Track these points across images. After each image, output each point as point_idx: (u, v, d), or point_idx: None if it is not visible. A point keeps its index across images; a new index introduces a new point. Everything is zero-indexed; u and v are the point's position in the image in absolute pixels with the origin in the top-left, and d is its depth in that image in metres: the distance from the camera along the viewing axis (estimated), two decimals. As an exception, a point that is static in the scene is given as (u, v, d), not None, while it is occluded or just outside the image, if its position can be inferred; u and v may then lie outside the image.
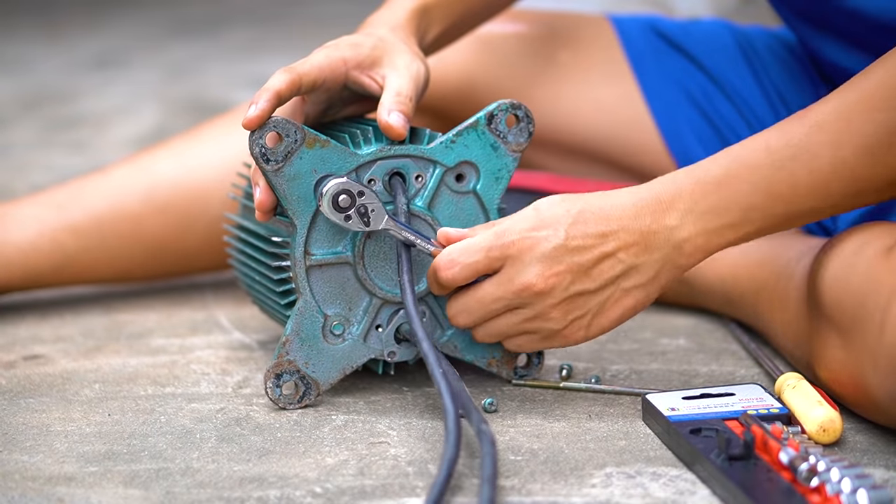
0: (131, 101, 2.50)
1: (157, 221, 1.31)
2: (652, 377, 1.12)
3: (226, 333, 1.25)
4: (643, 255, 0.98)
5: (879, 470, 0.93)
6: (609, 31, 1.36)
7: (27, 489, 0.93)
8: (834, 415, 0.96)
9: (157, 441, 1.00)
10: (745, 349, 1.18)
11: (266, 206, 1.03)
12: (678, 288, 1.27)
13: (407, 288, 1.00)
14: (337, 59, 1.06)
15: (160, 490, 0.92)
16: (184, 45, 3.16)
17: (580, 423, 1.03)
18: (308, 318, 1.04)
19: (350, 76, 1.07)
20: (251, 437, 1.01)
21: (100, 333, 1.26)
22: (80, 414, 1.06)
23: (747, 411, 0.97)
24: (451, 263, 1.00)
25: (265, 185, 1.03)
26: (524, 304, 0.99)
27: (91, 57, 3.00)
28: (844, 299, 0.97)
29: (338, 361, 1.05)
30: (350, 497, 0.90)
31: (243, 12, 3.63)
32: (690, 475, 0.93)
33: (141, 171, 1.33)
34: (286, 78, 1.03)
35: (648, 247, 0.98)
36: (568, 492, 0.91)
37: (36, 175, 1.92)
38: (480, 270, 1.00)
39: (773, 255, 1.17)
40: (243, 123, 1.00)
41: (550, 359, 1.15)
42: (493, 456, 0.89)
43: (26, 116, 2.38)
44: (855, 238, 1.00)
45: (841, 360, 0.98)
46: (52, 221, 1.30)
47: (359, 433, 1.01)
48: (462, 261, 0.99)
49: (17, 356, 1.20)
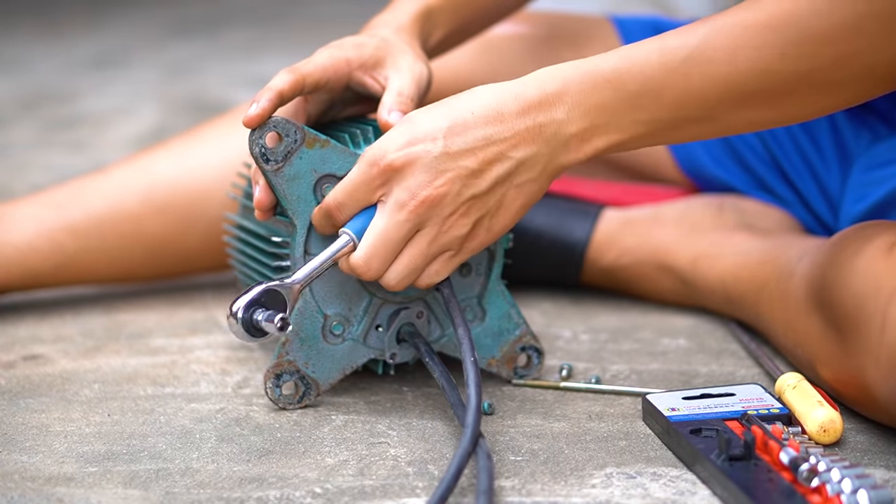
0: (131, 101, 2.50)
1: (156, 222, 1.31)
2: (652, 377, 1.12)
3: (226, 333, 1.25)
4: (531, 149, 0.95)
5: (880, 470, 0.93)
6: (611, 32, 1.36)
7: (26, 489, 0.93)
8: (834, 415, 0.96)
9: (157, 441, 1.00)
10: (745, 349, 1.18)
11: (265, 205, 1.03)
12: (678, 288, 1.27)
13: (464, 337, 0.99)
14: (340, 59, 1.06)
15: (160, 490, 0.92)
16: (184, 45, 3.16)
17: (580, 423, 1.02)
18: (308, 318, 1.04)
19: (353, 77, 1.07)
20: (251, 438, 1.00)
21: (99, 333, 1.26)
22: (79, 414, 1.06)
23: (748, 411, 0.97)
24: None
25: (265, 184, 1.03)
26: (423, 222, 0.96)
27: (91, 57, 3.00)
28: (845, 298, 0.97)
29: (338, 361, 1.05)
30: (350, 497, 0.90)
31: (243, 12, 3.63)
32: (691, 475, 0.93)
33: (140, 172, 1.33)
34: (289, 78, 1.03)
35: (536, 140, 0.95)
36: (568, 492, 0.91)
37: (35, 175, 1.92)
38: (371, 201, 0.97)
39: (774, 255, 1.17)
40: (244, 121, 1.00)
41: (550, 359, 1.15)
42: (489, 469, 0.89)
43: (26, 116, 2.38)
44: (856, 236, 1.00)
45: (842, 358, 0.98)
46: (51, 221, 1.30)
47: (359, 433, 1.01)
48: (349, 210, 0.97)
49: (16, 356, 1.20)
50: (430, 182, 0.95)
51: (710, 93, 0.93)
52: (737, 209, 1.29)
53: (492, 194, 0.96)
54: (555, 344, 1.20)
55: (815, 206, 1.28)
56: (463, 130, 0.95)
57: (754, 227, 1.27)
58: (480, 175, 0.95)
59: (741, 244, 1.23)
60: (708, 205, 1.30)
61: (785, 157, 1.29)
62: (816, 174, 1.27)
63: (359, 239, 0.98)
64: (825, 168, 1.27)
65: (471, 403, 0.94)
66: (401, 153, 0.95)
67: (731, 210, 1.29)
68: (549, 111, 0.95)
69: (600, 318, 1.28)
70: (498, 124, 0.95)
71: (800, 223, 1.30)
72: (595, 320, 1.27)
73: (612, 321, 1.27)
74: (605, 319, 1.27)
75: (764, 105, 0.94)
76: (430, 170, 0.95)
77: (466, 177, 0.95)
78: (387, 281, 0.98)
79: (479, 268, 1.08)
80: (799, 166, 1.28)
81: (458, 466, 0.88)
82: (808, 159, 1.28)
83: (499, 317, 1.08)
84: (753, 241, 1.23)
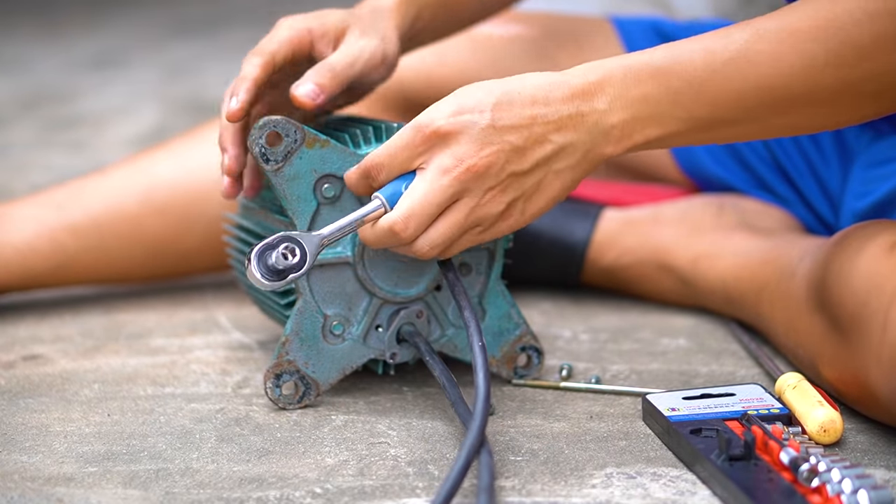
0: (130, 101, 2.50)
1: (156, 222, 1.31)
2: (652, 377, 1.12)
3: (225, 333, 1.25)
4: (572, 136, 0.95)
5: (880, 470, 0.93)
6: (611, 33, 1.36)
7: (26, 489, 0.93)
8: (834, 415, 0.96)
9: (157, 441, 1.00)
10: (745, 349, 1.18)
11: (234, 172, 1.05)
12: (679, 288, 1.27)
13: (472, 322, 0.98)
14: (302, 29, 1.07)
15: (160, 490, 0.92)
16: (183, 45, 3.16)
17: (580, 423, 1.02)
18: (308, 318, 1.04)
19: (315, 48, 1.07)
20: (251, 438, 1.00)
21: (99, 333, 1.26)
22: (79, 414, 1.06)
23: (748, 411, 0.97)
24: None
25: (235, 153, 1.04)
26: (464, 191, 0.96)
27: (90, 57, 3.00)
28: (847, 297, 0.97)
29: (337, 361, 1.05)
30: (350, 497, 0.90)
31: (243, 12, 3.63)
32: (691, 475, 0.93)
33: (140, 173, 1.33)
34: (259, 61, 1.03)
35: (577, 128, 0.95)
36: (568, 492, 0.91)
37: (35, 175, 1.92)
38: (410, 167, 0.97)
39: (775, 255, 1.17)
40: (227, 116, 1.01)
41: (550, 359, 1.15)
42: (490, 466, 0.89)
43: (25, 116, 2.38)
44: (857, 236, 1.00)
45: (844, 358, 0.98)
46: (51, 222, 1.30)
47: (359, 433, 1.01)
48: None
49: (16, 356, 1.20)
50: (477, 152, 0.94)
51: (750, 95, 0.94)
52: (737, 209, 1.29)
53: (531, 175, 0.96)
54: (555, 344, 1.20)
55: (815, 204, 1.28)
56: (509, 107, 0.95)
57: (755, 226, 1.27)
58: (524, 154, 0.95)
59: (741, 244, 1.23)
60: (708, 205, 1.30)
61: (785, 156, 1.29)
62: (817, 172, 1.27)
63: (391, 206, 0.97)
64: (825, 166, 1.27)
65: (479, 390, 0.93)
66: (449, 120, 0.95)
67: (732, 210, 1.29)
68: (591, 101, 0.95)
69: (600, 318, 1.28)
70: (543, 107, 0.95)
71: (800, 223, 1.30)
72: (595, 320, 1.27)
73: (612, 321, 1.27)
74: (605, 319, 1.27)
75: (804, 110, 0.95)
76: (477, 140, 0.94)
77: (510, 152, 0.95)
78: (419, 247, 0.97)
79: (479, 268, 1.08)
80: (799, 164, 1.28)
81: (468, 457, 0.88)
82: (808, 157, 1.28)
83: (499, 317, 1.08)
84: (754, 241, 1.23)
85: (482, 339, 0.96)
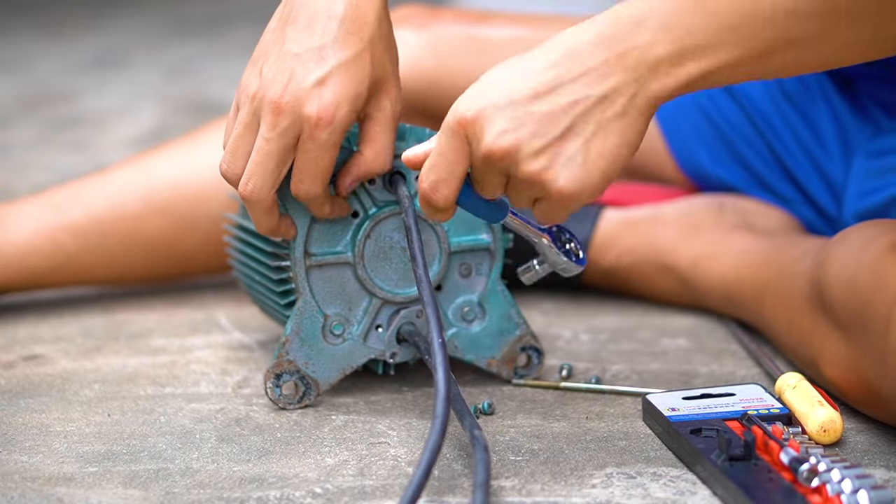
0: (131, 101, 2.50)
1: (156, 223, 1.31)
2: (652, 377, 1.12)
3: (225, 333, 1.25)
4: (611, 81, 0.87)
5: (880, 470, 0.93)
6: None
7: (26, 489, 0.93)
8: (834, 415, 0.96)
9: (157, 441, 1.00)
10: (745, 349, 1.18)
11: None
12: (679, 288, 1.27)
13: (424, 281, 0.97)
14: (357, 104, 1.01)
15: (160, 490, 0.92)
16: (184, 45, 3.16)
17: (580, 423, 1.02)
18: (308, 317, 1.04)
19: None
20: (251, 438, 1.00)
21: (99, 333, 1.26)
22: (79, 414, 1.06)
23: (748, 411, 0.97)
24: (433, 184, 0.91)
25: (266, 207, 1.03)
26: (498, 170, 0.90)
27: (91, 57, 3.00)
28: (850, 296, 0.97)
29: (338, 361, 1.05)
30: (350, 497, 0.90)
31: (243, 12, 3.63)
32: (691, 475, 0.93)
33: (140, 173, 1.33)
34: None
35: (615, 71, 0.87)
36: (568, 492, 0.91)
37: (36, 175, 1.92)
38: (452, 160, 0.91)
39: (776, 254, 1.17)
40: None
41: (550, 359, 1.15)
42: (485, 462, 0.88)
43: (26, 116, 2.38)
44: (860, 234, 1.00)
45: (846, 357, 0.98)
46: (51, 222, 1.30)
47: (359, 433, 1.01)
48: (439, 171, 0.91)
49: (16, 356, 1.20)
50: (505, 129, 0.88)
51: (803, 9, 0.86)
52: (737, 209, 1.29)
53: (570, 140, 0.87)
54: (555, 344, 1.20)
55: (818, 198, 1.27)
56: (528, 75, 0.88)
57: (755, 226, 1.27)
58: (553, 120, 0.87)
59: (742, 244, 1.23)
60: (708, 205, 1.30)
61: (785, 151, 1.29)
62: (818, 164, 1.27)
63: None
64: (827, 157, 1.26)
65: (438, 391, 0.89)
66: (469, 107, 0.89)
67: (732, 210, 1.29)
68: (628, 38, 0.87)
69: (600, 318, 1.28)
70: (568, 62, 0.88)
71: (800, 223, 1.30)
72: (595, 320, 1.27)
73: (612, 321, 1.27)
74: (605, 319, 1.27)
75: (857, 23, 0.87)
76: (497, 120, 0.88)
77: (538, 122, 0.87)
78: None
79: (479, 268, 1.08)
80: (800, 158, 1.28)
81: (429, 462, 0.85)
82: (808, 150, 1.27)
83: (499, 317, 1.08)
84: (754, 241, 1.23)
85: (442, 335, 0.93)
